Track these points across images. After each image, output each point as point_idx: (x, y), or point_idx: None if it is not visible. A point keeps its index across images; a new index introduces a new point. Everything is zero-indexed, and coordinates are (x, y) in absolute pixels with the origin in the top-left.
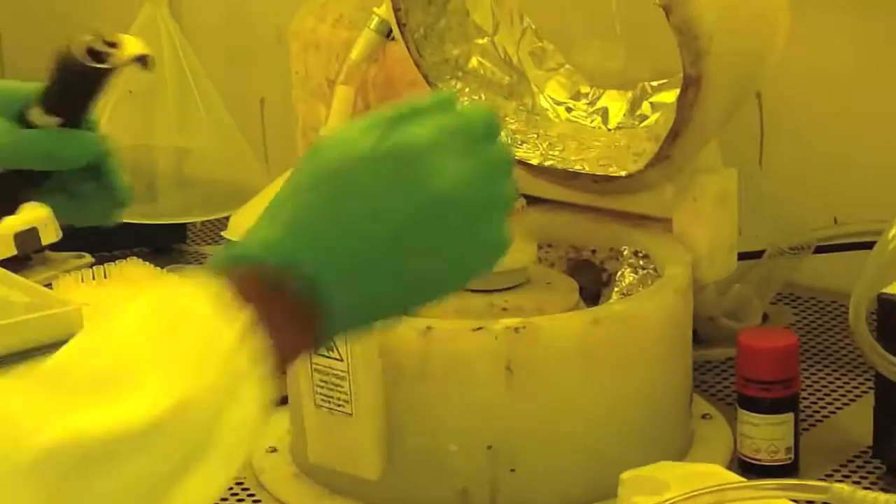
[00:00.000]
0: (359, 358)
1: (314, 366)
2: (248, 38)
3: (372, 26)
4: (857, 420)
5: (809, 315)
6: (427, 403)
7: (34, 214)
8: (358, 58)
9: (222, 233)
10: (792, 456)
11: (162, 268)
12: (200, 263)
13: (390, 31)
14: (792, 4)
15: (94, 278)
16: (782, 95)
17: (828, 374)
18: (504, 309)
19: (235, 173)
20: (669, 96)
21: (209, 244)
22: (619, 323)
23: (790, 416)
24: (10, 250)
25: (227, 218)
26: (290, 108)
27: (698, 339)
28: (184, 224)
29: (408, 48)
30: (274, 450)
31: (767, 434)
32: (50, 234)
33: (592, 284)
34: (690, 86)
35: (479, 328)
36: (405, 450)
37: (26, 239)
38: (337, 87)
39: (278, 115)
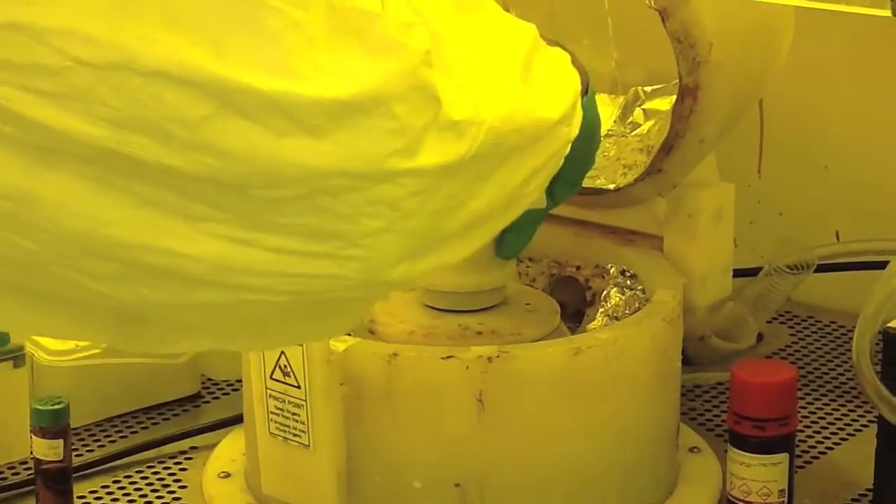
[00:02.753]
0: (317, 385)
1: (269, 391)
2: None
3: None
4: (856, 457)
5: (807, 336)
6: (391, 436)
7: None
8: None
9: None
10: (785, 499)
11: None
12: None
13: None
14: (796, 11)
15: None
16: (784, 101)
17: (826, 404)
18: (478, 333)
19: None
20: (664, 103)
21: None
22: (601, 353)
23: (785, 456)
24: None
25: None
26: None
27: (687, 361)
28: None
29: None
30: (227, 474)
31: (759, 475)
32: None
33: (575, 302)
34: (687, 96)
35: (449, 356)
36: (366, 486)
37: None
38: None
39: None
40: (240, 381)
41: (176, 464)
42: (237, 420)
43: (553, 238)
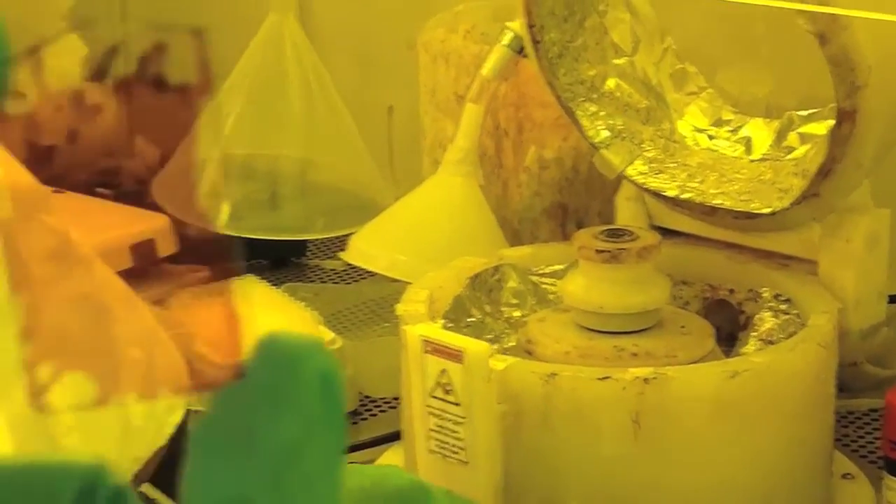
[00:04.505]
0: (477, 403)
1: (429, 409)
2: (379, 43)
3: (504, 42)
4: None
5: None
6: (547, 454)
7: (152, 225)
8: (489, 74)
9: (340, 254)
10: None
11: (279, 284)
12: (321, 279)
13: (523, 47)
14: None
15: (209, 295)
16: None
17: None
18: (633, 354)
19: (359, 187)
20: (820, 128)
21: (329, 258)
22: (757, 377)
23: None
24: (126, 263)
25: (347, 234)
26: (418, 118)
27: (839, 387)
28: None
29: (541, 67)
30: None
31: None
32: (167, 246)
33: (728, 326)
34: (844, 120)
35: (606, 377)
36: (522, 503)
37: (143, 251)
38: (466, 104)
39: (406, 124)
40: (396, 398)
41: None
42: (394, 437)
43: (707, 262)
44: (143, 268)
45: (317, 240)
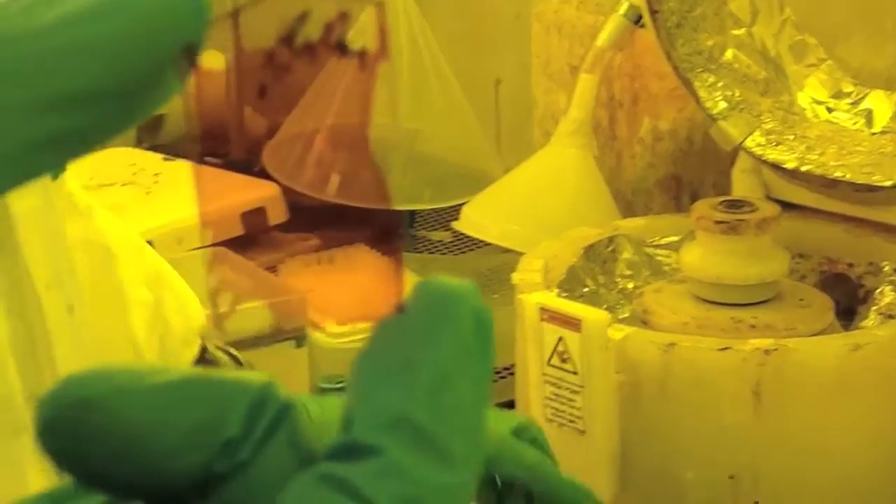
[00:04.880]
0: (595, 372)
1: (546, 377)
2: (486, 14)
3: (621, 11)
4: None
5: None
6: (665, 425)
7: (262, 193)
8: (604, 44)
9: (453, 223)
10: None
11: (388, 254)
12: (429, 250)
13: (640, 17)
14: None
15: (319, 263)
16: None
17: None
18: (752, 326)
19: (468, 158)
20: None
21: (435, 230)
22: (879, 351)
23: None
24: (237, 230)
25: (454, 206)
26: (526, 90)
27: None
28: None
29: (658, 37)
30: None
31: None
32: (278, 214)
33: (846, 300)
34: None
35: (726, 347)
36: (639, 473)
37: (253, 219)
38: (580, 74)
39: (514, 96)
40: (507, 367)
41: None
42: (507, 406)
43: (825, 235)
44: (253, 235)
45: (424, 211)
